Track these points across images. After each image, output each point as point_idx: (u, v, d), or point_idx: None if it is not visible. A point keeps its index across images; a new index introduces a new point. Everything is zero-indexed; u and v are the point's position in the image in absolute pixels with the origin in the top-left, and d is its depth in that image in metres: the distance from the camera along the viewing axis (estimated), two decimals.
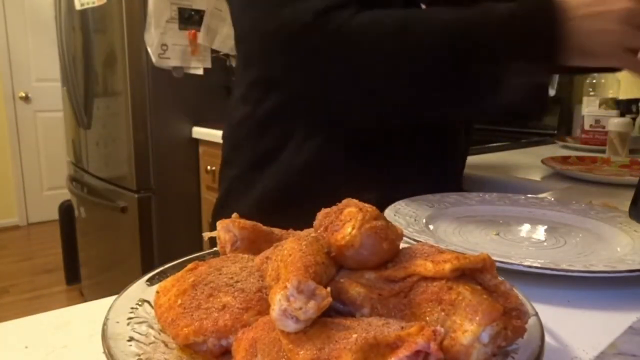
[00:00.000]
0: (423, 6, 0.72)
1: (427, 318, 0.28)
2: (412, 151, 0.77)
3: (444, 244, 0.48)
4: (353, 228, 0.30)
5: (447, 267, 0.29)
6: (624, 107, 1.35)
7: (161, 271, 0.39)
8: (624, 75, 1.56)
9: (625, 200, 0.64)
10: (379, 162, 0.75)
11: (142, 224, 1.97)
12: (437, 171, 0.80)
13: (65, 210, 2.60)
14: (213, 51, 1.99)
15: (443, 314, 0.27)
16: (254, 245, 0.38)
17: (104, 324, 0.30)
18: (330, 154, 0.73)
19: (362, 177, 0.74)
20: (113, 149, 2.04)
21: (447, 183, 0.79)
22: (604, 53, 0.58)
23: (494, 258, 0.31)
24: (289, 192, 0.75)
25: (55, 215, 2.80)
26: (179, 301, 0.31)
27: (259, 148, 0.76)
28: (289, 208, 0.74)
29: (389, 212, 0.60)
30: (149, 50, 1.85)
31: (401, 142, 0.75)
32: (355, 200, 0.33)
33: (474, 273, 0.30)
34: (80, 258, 2.62)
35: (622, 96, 1.49)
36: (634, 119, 1.33)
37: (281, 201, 0.75)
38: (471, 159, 1.14)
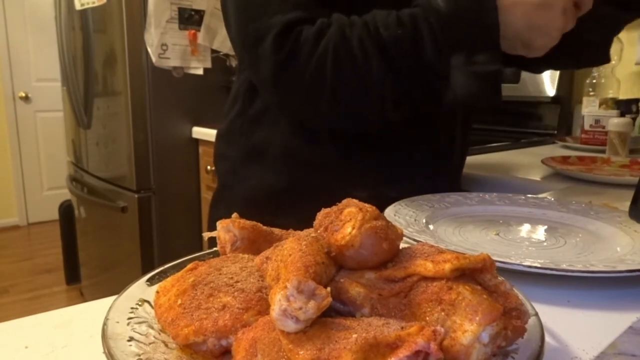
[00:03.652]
0: None
1: (427, 318, 0.28)
2: (405, 149, 0.77)
3: (444, 244, 0.48)
4: (353, 228, 0.30)
5: (447, 267, 0.29)
6: (624, 107, 1.35)
7: (161, 271, 0.39)
8: (624, 75, 1.56)
9: (625, 200, 0.64)
10: (369, 160, 0.75)
11: (142, 224, 1.97)
12: (430, 170, 0.80)
13: (65, 210, 2.60)
14: (213, 51, 1.99)
15: (443, 314, 0.27)
16: (254, 245, 0.38)
17: (104, 324, 0.30)
18: (317, 150, 0.74)
19: (352, 174, 0.75)
20: (113, 149, 2.04)
21: (442, 182, 0.79)
22: (546, 45, 0.61)
23: (494, 258, 0.31)
24: (278, 187, 0.76)
25: (55, 215, 2.80)
26: (179, 301, 0.31)
27: (249, 143, 0.78)
28: (279, 202, 0.76)
29: (389, 212, 0.60)
30: (149, 50, 1.85)
31: (393, 140, 0.75)
32: (355, 200, 0.33)
33: (474, 273, 0.30)
34: (80, 258, 2.62)
35: (622, 96, 1.49)
36: (634, 119, 1.33)
37: (271, 195, 0.77)
38: (471, 159, 1.14)
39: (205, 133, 1.95)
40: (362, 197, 0.34)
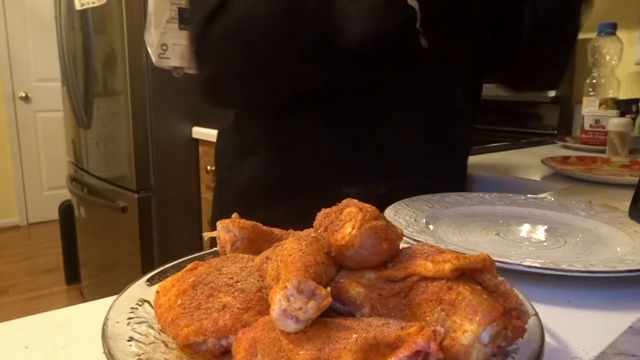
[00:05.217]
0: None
1: (427, 318, 0.28)
2: (398, 146, 0.76)
3: (444, 244, 0.48)
4: (353, 228, 0.30)
5: (447, 267, 0.29)
6: (624, 107, 1.35)
7: (161, 271, 0.39)
8: (624, 75, 1.56)
9: (625, 200, 0.64)
10: (360, 156, 0.75)
11: (142, 224, 1.97)
12: (424, 169, 0.79)
13: (65, 210, 2.60)
14: None
15: (443, 314, 0.27)
16: (254, 245, 0.38)
17: (104, 324, 0.30)
18: (307, 146, 0.75)
19: (342, 171, 0.75)
20: (113, 149, 2.04)
21: (439, 182, 0.77)
22: None
23: (494, 258, 0.31)
24: (270, 182, 0.78)
25: (55, 215, 2.80)
26: (179, 301, 0.31)
27: (244, 139, 0.80)
28: (271, 197, 0.77)
29: (389, 212, 0.60)
30: (149, 50, 1.85)
31: (386, 136, 0.75)
32: (355, 200, 0.34)
33: (474, 273, 0.30)
34: (80, 258, 2.62)
35: (622, 96, 1.49)
36: (634, 119, 1.32)
37: (263, 190, 0.79)
38: (471, 159, 1.14)
39: (205, 133, 1.95)
40: (351, 194, 0.35)
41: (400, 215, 0.59)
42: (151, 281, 0.37)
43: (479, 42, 0.79)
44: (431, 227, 0.58)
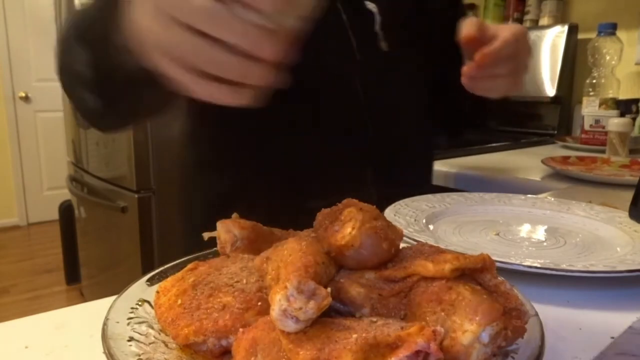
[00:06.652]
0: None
1: (427, 318, 0.28)
2: (354, 161, 0.74)
3: (444, 244, 0.48)
4: (353, 228, 0.30)
5: (447, 267, 0.29)
6: (624, 107, 1.35)
7: (161, 271, 0.39)
8: (623, 75, 1.56)
9: (625, 200, 0.64)
10: (318, 170, 0.73)
11: (142, 224, 1.97)
12: (382, 182, 0.77)
13: (65, 210, 2.60)
14: None
15: (443, 314, 0.27)
16: (254, 245, 0.38)
17: (104, 324, 0.30)
18: (261, 161, 0.73)
19: (302, 185, 0.73)
20: (113, 149, 2.04)
21: (397, 191, 0.73)
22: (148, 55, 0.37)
23: (494, 258, 0.31)
24: (229, 198, 0.75)
25: (55, 215, 2.80)
26: (179, 301, 0.31)
27: (199, 154, 0.80)
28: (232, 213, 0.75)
29: (389, 212, 0.60)
30: None
31: (339, 152, 0.73)
32: (355, 200, 0.34)
33: (474, 273, 0.30)
34: (80, 258, 2.62)
35: (622, 96, 1.49)
36: (634, 119, 1.33)
37: (225, 206, 0.76)
38: (471, 159, 1.14)
39: None
40: (317, 208, 0.35)
41: (400, 215, 0.59)
42: (151, 281, 0.37)
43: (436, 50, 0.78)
44: (431, 227, 0.58)
